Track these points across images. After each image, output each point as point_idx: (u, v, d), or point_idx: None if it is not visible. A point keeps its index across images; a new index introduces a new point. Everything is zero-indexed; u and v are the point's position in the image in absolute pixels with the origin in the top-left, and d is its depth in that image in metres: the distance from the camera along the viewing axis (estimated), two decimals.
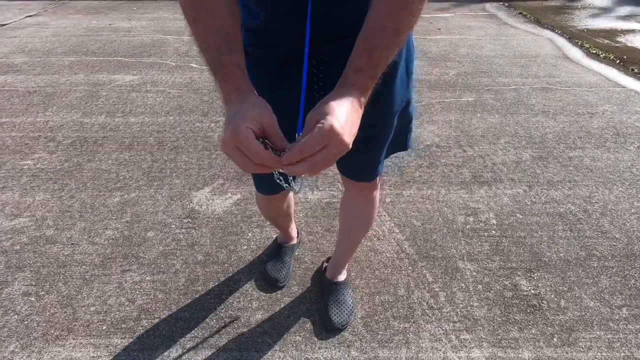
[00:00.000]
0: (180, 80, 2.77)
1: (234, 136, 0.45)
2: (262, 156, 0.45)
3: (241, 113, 0.47)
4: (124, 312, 1.21)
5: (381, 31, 0.52)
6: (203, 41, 0.54)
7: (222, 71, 0.52)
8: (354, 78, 0.50)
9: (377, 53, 0.51)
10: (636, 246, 1.44)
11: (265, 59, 0.73)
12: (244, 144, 0.44)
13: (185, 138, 2.10)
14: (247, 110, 0.47)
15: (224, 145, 0.46)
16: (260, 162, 0.45)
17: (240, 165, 0.47)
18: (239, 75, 0.52)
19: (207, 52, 0.53)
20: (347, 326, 1.17)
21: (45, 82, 2.73)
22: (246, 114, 0.46)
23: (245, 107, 0.47)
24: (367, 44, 0.52)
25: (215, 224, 1.54)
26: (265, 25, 0.68)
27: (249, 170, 0.48)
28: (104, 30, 3.86)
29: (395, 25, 0.52)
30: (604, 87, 2.67)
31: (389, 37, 0.52)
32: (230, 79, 0.52)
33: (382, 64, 0.52)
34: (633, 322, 1.18)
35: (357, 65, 0.51)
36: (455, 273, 1.34)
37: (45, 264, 1.37)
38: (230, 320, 1.19)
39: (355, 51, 0.52)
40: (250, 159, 0.45)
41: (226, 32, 0.54)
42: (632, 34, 3.72)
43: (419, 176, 1.82)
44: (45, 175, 1.80)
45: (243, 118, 0.46)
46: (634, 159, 1.93)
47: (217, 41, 0.53)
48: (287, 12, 0.64)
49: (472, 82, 2.75)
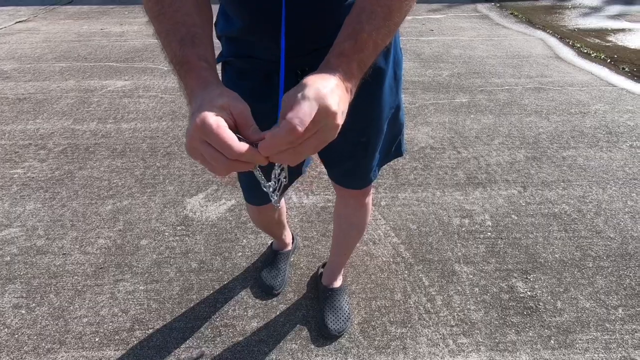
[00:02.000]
0: (173, 85, 2.75)
1: (200, 126, 0.37)
2: (237, 148, 0.37)
3: (207, 102, 0.40)
4: (117, 323, 1.19)
5: (369, 14, 0.47)
6: (165, 37, 0.48)
7: (186, 65, 0.46)
8: (336, 61, 0.45)
9: (363, 36, 0.46)
10: (630, 245, 1.45)
11: (249, 71, 0.72)
12: (214, 134, 0.37)
13: (179, 144, 2.08)
14: (214, 99, 0.40)
15: (190, 142, 0.39)
16: (235, 155, 0.37)
17: (212, 165, 0.39)
18: (204, 67, 0.46)
19: (169, 48, 0.48)
20: (344, 333, 1.16)
21: (35, 88, 2.70)
22: (213, 103, 0.40)
23: (210, 97, 0.41)
24: (352, 28, 0.46)
25: (210, 230, 1.53)
26: (243, 35, 0.67)
27: (222, 172, 0.40)
28: (95, 35, 3.83)
29: (385, 8, 0.47)
30: (596, 87, 2.69)
31: (378, 19, 0.47)
32: (194, 72, 0.45)
33: (370, 48, 0.46)
34: (629, 322, 1.19)
35: (340, 50, 0.46)
36: (451, 276, 1.34)
37: (36, 275, 1.34)
38: (226, 329, 1.17)
39: (339, 36, 0.47)
40: (222, 154, 0.38)
41: (190, 25, 0.49)
42: (622, 33, 3.76)
43: (413, 179, 1.82)
44: (35, 184, 1.78)
45: (210, 107, 0.39)
46: (626, 157, 1.94)
47: (180, 34, 0.48)
48: (264, 23, 0.62)
49: (466, 83, 2.76)
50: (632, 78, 2.82)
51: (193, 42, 0.48)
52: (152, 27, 0.51)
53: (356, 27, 0.46)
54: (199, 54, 0.47)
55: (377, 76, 0.72)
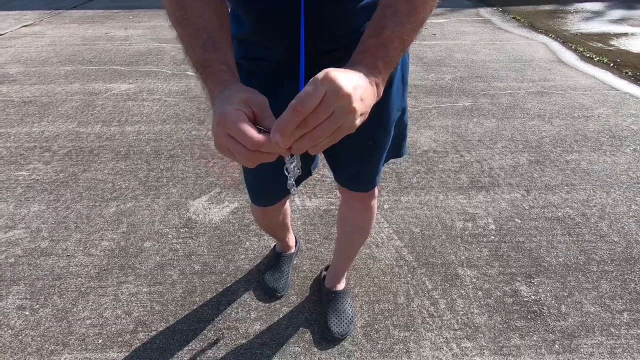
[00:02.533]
0: (177, 88, 2.77)
1: (222, 121, 0.40)
2: (257, 140, 0.39)
3: (226, 99, 0.43)
4: (120, 325, 1.19)
5: (393, 11, 0.48)
6: (188, 41, 0.52)
7: (208, 69, 0.49)
8: (359, 58, 0.47)
9: (387, 32, 0.47)
10: (635, 250, 1.44)
11: (257, 72, 0.73)
12: (235, 127, 0.39)
13: (182, 146, 2.09)
14: (233, 95, 0.43)
15: (215, 138, 0.42)
16: (255, 146, 0.39)
17: (236, 157, 0.41)
18: (224, 70, 0.49)
19: (192, 52, 0.51)
20: (347, 336, 1.15)
21: (40, 91, 2.72)
22: (232, 99, 0.42)
23: (229, 93, 0.44)
24: (376, 25, 0.48)
25: (213, 233, 1.53)
26: (253, 37, 0.68)
27: (247, 163, 0.42)
28: (100, 39, 3.86)
29: (409, 5, 0.49)
30: (599, 91, 2.69)
31: (402, 16, 0.48)
32: (215, 75, 0.49)
33: (395, 43, 0.48)
34: (634, 327, 1.18)
35: (364, 47, 0.47)
36: (455, 280, 1.33)
37: (40, 276, 1.35)
38: (228, 332, 1.17)
39: (364, 34, 0.49)
40: (244, 145, 0.40)
41: (212, 31, 0.52)
42: (624, 38, 3.76)
43: (416, 182, 1.82)
44: (40, 186, 1.79)
45: (229, 102, 0.42)
46: (630, 161, 1.93)
47: (202, 39, 0.51)
48: (272, 24, 0.63)
49: (468, 87, 2.76)
50: (635, 82, 2.81)
51: (214, 47, 0.50)
52: (175, 31, 0.54)
53: (380, 24, 0.48)
54: (219, 58, 0.50)
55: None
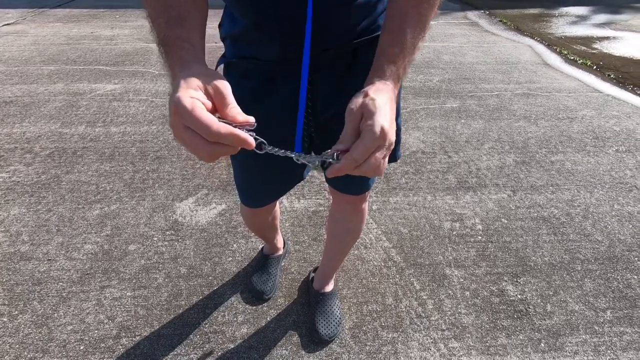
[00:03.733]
0: (164, 88, 2.73)
1: (176, 110, 0.36)
2: (216, 128, 0.36)
3: (182, 84, 0.39)
4: (102, 331, 1.16)
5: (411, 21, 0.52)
6: (155, 17, 0.48)
7: (167, 46, 0.46)
8: (387, 68, 0.50)
9: (407, 42, 0.51)
10: (617, 248, 1.47)
11: (251, 71, 0.71)
12: (190, 115, 0.36)
13: (169, 148, 2.06)
14: (190, 80, 0.39)
15: (173, 130, 0.38)
16: (214, 136, 0.36)
17: (195, 150, 0.38)
18: (186, 48, 0.45)
19: (157, 28, 0.48)
20: (335, 338, 1.14)
21: (22, 91, 2.65)
22: (188, 84, 0.39)
23: (186, 78, 0.40)
24: (398, 34, 0.51)
25: (199, 235, 1.51)
26: (248, 35, 0.67)
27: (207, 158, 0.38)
28: (85, 38, 3.79)
29: (423, 16, 0.53)
30: (583, 93, 2.74)
31: (418, 26, 0.52)
32: (175, 53, 0.45)
33: (413, 53, 0.52)
34: (617, 324, 1.20)
35: (390, 56, 0.50)
36: (442, 280, 1.34)
37: (19, 281, 1.31)
38: (215, 336, 1.15)
39: (386, 40, 0.52)
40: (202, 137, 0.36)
41: (181, 9, 0.48)
42: (607, 41, 3.85)
43: (405, 183, 1.82)
44: (21, 188, 1.74)
45: (185, 89, 0.38)
46: (612, 162, 1.97)
47: (167, 15, 0.47)
48: (268, 23, 0.62)
49: (456, 88, 2.79)
50: (617, 84, 2.88)
51: (179, 24, 0.47)
52: (145, 10, 0.51)
53: (401, 32, 0.51)
54: (182, 35, 0.47)
55: None
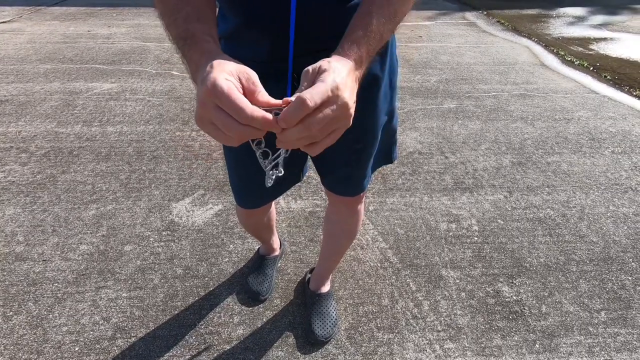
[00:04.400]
0: (161, 88, 2.72)
1: (212, 91, 0.37)
2: (250, 111, 0.37)
3: (216, 67, 0.40)
4: (98, 332, 1.15)
5: (378, 8, 0.51)
6: (170, 15, 0.49)
7: (190, 39, 0.46)
8: (349, 48, 0.48)
9: (372, 27, 0.50)
10: (612, 250, 1.48)
11: None
12: (226, 96, 0.37)
13: (165, 147, 2.05)
14: (223, 64, 0.41)
15: (201, 110, 0.39)
16: (247, 119, 0.37)
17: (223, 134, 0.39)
18: (209, 41, 0.46)
19: (174, 25, 0.48)
20: (331, 339, 1.15)
21: (18, 90, 2.64)
22: (222, 68, 0.40)
23: (219, 62, 0.41)
24: (363, 19, 0.51)
25: (196, 236, 1.51)
26: (239, 34, 0.67)
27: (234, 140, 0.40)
28: (82, 37, 3.77)
29: (392, 6, 0.52)
30: (579, 94, 2.75)
31: (385, 15, 0.51)
32: (199, 45, 0.46)
33: (377, 39, 0.51)
34: (612, 325, 1.20)
35: (353, 38, 0.49)
36: (438, 281, 1.34)
37: (14, 282, 1.30)
38: (211, 337, 1.15)
39: (351, 25, 0.51)
40: (234, 119, 0.38)
41: (196, 5, 0.50)
42: (604, 42, 3.86)
43: (401, 183, 1.83)
44: (16, 188, 1.73)
45: (220, 71, 0.39)
46: (608, 163, 1.98)
47: (185, 11, 0.48)
48: (262, 24, 0.62)
49: (453, 89, 2.79)
50: (613, 86, 2.89)
51: (198, 19, 0.48)
52: (157, 10, 0.51)
53: (367, 17, 0.50)
54: (203, 29, 0.48)
55: (373, 84, 0.73)
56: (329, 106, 0.40)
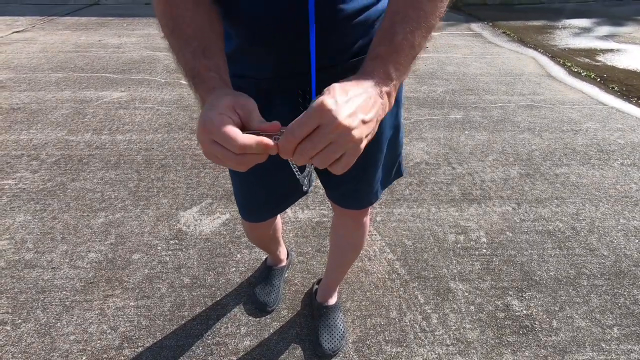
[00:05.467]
0: (170, 97, 2.76)
1: (205, 127, 0.40)
2: (242, 141, 0.39)
3: (210, 106, 0.42)
4: (105, 341, 1.15)
5: (402, 17, 0.49)
6: (179, 50, 0.51)
7: (197, 77, 0.49)
8: (371, 65, 0.47)
9: (397, 38, 0.47)
10: (624, 264, 1.45)
11: (246, 89, 0.72)
12: (218, 132, 0.39)
13: (174, 156, 2.07)
14: (218, 100, 0.43)
15: (202, 147, 0.42)
16: (240, 149, 0.39)
17: (225, 163, 0.41)
18: (214, 77, 0.49)
19: (183, 60, 0.50)
20: (339, 352, 1.13)
21: (30, 98, 2.68)
22: (216, 104, 0.42)
23: (215, 99, 0.43)
24: (386, 31, 0.49)
25: (203, 245, 1.51)
26: (242, 53, 0.67)
27: (238, 167, 0.41)
28: (93, 46, 3.84)
29: (418, 10, 0.49)
30: (587, 105, 2.74)
31: (412, 22, 0.48)
32: (205, 83, 0.48)
33: (406, 50, 0.48)
34: (624, 342, 1.18)
35: (375, 53, 0.48)
36: (447, 294, 1.33)
37: (23, 289, 1.31)
38: (217, 348, 1.15)
39: (374, 41, 0.49)
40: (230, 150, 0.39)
41: (202, 39, 0.51)
42: (610, 54, 3.86)
43: (409, 194, 1.82)
44: (26, 195, 1.75)
45: (213, 108, 0.42)
46: (617, 175, 1.97)
47: (192, 47, 0.50)
48: (265, 41, 0.62)
49: (460, 99, 2.80)
50: (621, 97, 2.88)
51: (204, 54, 0.50)
52: (167, 41, 0.53)
53: (390, 30, 0.48)
54: (209, 65, 0.49)
55: None
56: (321, 131, 0.39)
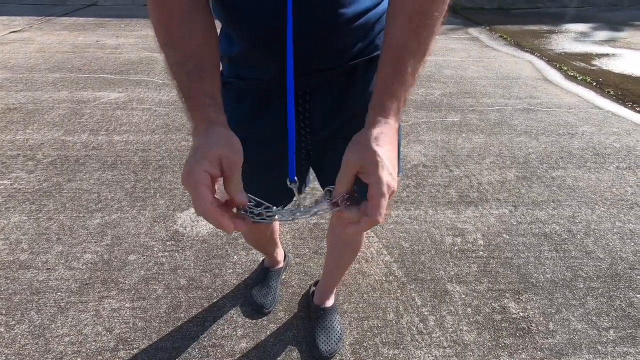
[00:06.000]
0: (167, 98, 2.75)
1: (185, 178, 0.43)
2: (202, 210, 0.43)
3: (201, 151, 0.45)
4: (100, 343, 1.14)
5: (410, 52, 0.50)
6: (174, 65, 0.52)
7: (192, 100, 0.50)
8: (389, 104, 0.49)
9: (407, 75, 0.50)
10: (619, 266, 1.46)
11: (248, 91, 0.72)
12: (194, 189, 0.43)
13: (171, 157, 2.06)
14: (210, 148, 0.45)
15: (182, 182, 0.45)
16: (201, 214, 0.43)
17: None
18: (208, 104, 0.50)
19: (178, 78, 0.51)
20: (336, 354, 1.13)
21: (26, 98, 2.67)
22: (207, 153, 0.44)
23: (208, 144, 0.45)
24: (397, 66, 0.50)
25: (200, 246, 1.50)
26: (244, 56, 0.67)
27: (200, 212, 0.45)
28: (91, 47, 3.83)
29: (424, 45, 0.50)
30: (583, 109, 2.76)
31: (419, 56, 0.50)
32: (199, 109, 0.49)
33: (413, 84, 0.51)
34: (620, 344, 1.18)
35: (391, 90, 0.49)
36: (444, 296, 1.33)
37: (17, 290, 1.30)
38: (214, 350, 1.14)
39: (384, 73, 0.50)
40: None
41: (199, 58, 0.52)
42: (606, 58, 3.90)
43: (406, 196, 1.82)
44: (22, 195, 1.74)
45: (202, 157, 0.44)
46: (613, 179, 1.98)
47: (188, 67, 0.51)
48: (265, 44, 0.62)
49: (457, 102, 2.81)
50: (617, 101, 2.90)
51: (199, 76, 0.51)
52: (161, 51, 0.53)
53: (402, 65, 0.50)
54: (204, 89, 0.50)
55: None
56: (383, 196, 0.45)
